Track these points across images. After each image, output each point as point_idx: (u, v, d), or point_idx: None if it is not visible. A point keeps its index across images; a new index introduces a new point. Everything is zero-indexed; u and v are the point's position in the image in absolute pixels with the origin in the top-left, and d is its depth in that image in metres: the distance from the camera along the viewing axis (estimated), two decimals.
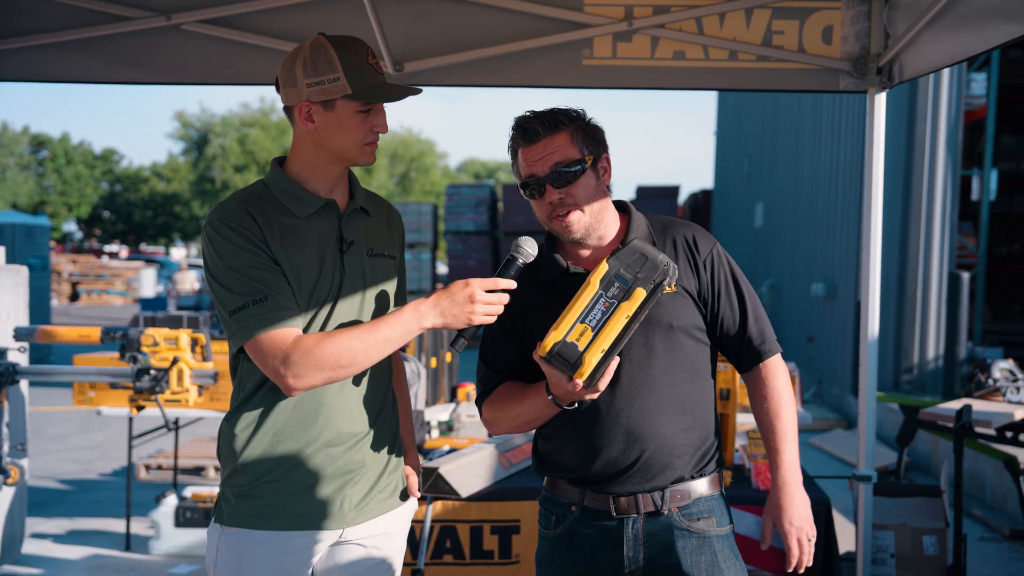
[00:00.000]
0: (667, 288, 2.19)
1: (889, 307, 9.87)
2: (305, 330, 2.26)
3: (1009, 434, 5.07)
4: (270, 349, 2.17)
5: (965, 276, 9.05)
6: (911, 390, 9.96)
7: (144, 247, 54.29)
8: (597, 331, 2.12)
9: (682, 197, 21.11)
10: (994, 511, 6.92)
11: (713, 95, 23.98)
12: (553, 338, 2.13)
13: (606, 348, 2.12)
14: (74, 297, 30.71)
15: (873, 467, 3.84)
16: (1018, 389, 5.35)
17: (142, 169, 54.52)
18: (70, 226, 52.24)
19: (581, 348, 2.11)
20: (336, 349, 2.17)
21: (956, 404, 5.09)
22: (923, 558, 4.08)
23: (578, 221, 2.32)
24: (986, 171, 10.58)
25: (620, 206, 2.47)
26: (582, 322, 2.13)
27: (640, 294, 2.14)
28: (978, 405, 5.02)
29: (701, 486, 2.39)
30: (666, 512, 2.35)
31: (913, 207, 9.88)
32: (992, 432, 4.96)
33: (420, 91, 2.43)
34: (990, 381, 5.41)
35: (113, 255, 42.99)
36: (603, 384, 2.16)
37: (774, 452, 2.43)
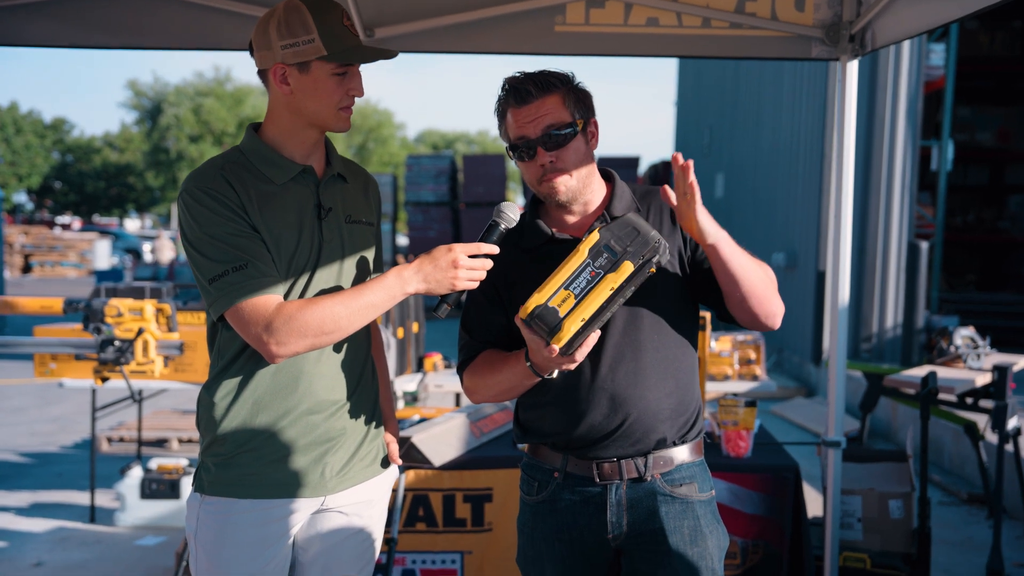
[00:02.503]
0: (652, 269, 2.17)
1: (849, 276, 9.97)
2: (285, 298, 2.23)
3: (970, 400, 5.16)
4: (252, 316, 2.14)
5: (924, 246, 9.17)
6: (870, 358, 10.11)
7: (97, 218, 53.49)
8: (580, 299, 2.10)
9: (642, 168, 21.11)
10: (951, 476, 7.05)
11: (673, 65, 23.98)
12: (535, 301, 2.11)
13: (587, 318, 2.09)
14: (26, 269, 30.17)
15: (842, 433, 3.88)
16: (979, 356, 5.43)
17: (94, 139, 53.58)
18: (20, 197, 51.27)
19: (562, 314, 2.09)
20: (319, 315, 2.15)
21: (920, 371, 5.16)
22: (889, 522, 4.15)
23: (565, 183, 2.30)
24: (944, 142, 10.69)
25: (604, 174, 2.46)
26: (566, 288, 2.11)
27: (627, 267, 2.12)
28: (940, 372, 5.09)
29: (683, 453, 2.40)
30: (649, 478, 2.35)
31: (873, 177, 9.97)
32: (954, 398, 5.04)
33: (395, 54, 2.39)
34: (952, 348, 5.49)
35: (65, 226, 42.27)
36: (580, 355, 2.13)
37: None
